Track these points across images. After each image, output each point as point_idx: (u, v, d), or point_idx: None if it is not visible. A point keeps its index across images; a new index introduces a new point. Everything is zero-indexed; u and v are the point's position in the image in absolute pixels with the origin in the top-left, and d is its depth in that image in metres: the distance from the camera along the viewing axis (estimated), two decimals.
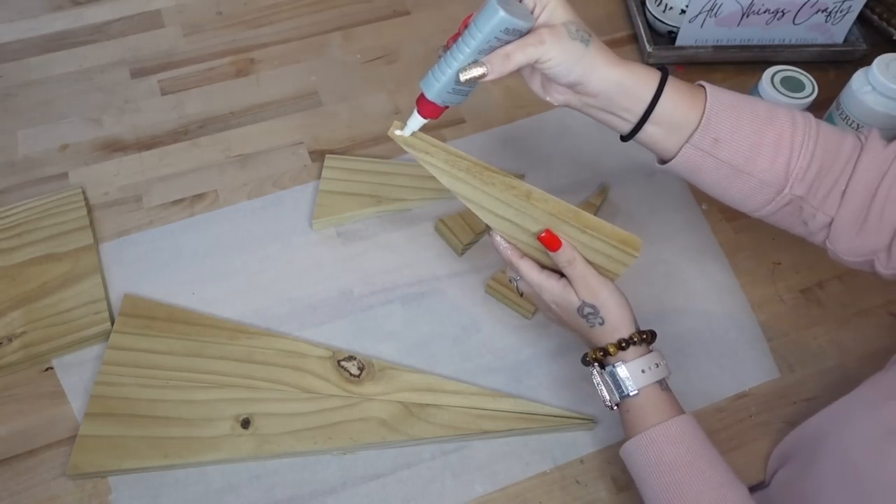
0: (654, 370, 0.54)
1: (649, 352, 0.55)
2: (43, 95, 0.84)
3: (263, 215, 0.75)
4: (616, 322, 0.55)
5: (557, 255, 0.55)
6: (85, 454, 0.59)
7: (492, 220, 0.56)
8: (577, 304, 0.55)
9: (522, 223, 0.55)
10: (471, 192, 0.55)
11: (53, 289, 0.68)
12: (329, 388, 0.63)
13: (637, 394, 0.53)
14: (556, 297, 0.57)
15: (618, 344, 0.54)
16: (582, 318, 0.56)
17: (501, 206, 0.55)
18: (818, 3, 0.83)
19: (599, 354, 0.55)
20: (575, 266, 0.55)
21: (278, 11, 0.93)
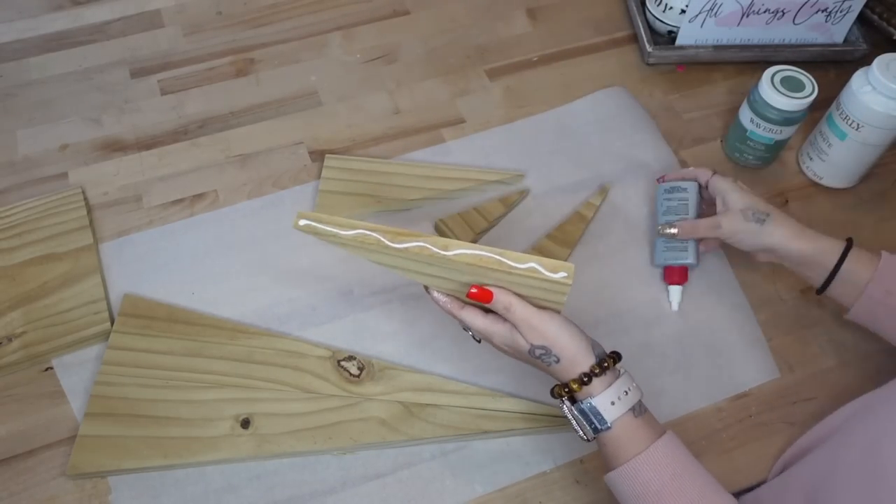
0: (625, 398, 0.52)
1: (616, 378, 0.53)
2: (43, 95, 0.84)
3: (263, 215, 0.75)
4: (572, 356, 0.53)
5: (493, 306, 0.54)
6: (85, 454, 0.59)
7: (424, 280, 0.56)
8: (526, 348, 0.54)
9: (451, 276, 0.54)
10: (391, 261, 0.54)
11: (53, 289, 0.68)
12: (329, 388, 0.63)
13: (611, 427, 0.52)
14: (507, 341, 0.55)
15: (579, 380, 0.52)
16: (536, 359, 0.54)
17: (425, 266, 0.54)
18: (818, 3, 0.83)
19: (565, 391, 0.53)
20: (513, 311, 0.53)
21: (278, 11, 0.93)
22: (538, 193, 0.78)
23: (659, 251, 0.71)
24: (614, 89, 0.87)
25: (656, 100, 0.87)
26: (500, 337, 0.55)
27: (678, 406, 0.65)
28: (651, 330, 0.69)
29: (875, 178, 0.80)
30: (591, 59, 0.90)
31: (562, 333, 0.53)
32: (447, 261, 0.53)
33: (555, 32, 0.93)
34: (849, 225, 0.77)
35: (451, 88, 0.87)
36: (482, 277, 0.54)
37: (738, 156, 0.81)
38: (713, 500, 0.50)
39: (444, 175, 0.77)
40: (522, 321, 0.54)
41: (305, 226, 0.54)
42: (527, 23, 0.94)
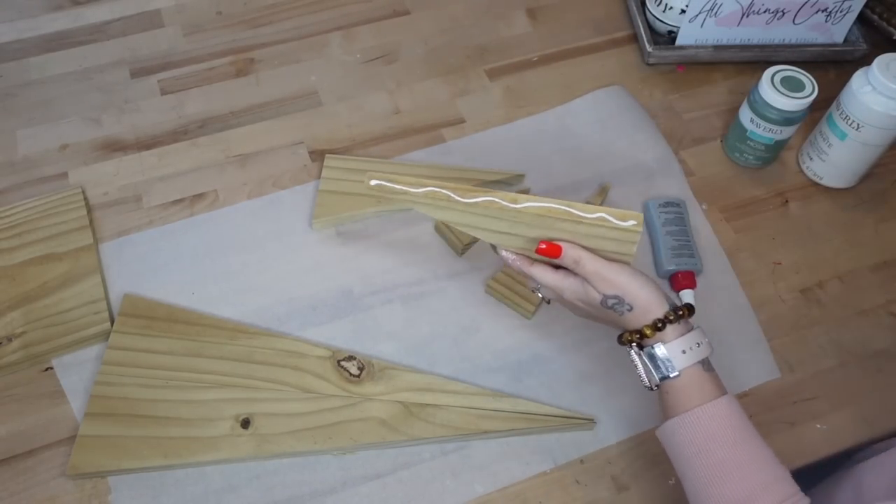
0: (696, 350, 0.52)
1: (689, 330, 0.53)
2: (42, 95, 0.84)
3: (263, 215, 0.75)
4: (645, 304, 0.53)
5: (562, 261, 0.55)
6: (84, 454, 0.59)
7: (491, 237, 0.56)
8: (599, 299, 0.54)
9: (519, 231, 0.55)
10: (460, 217, 0.56)
11: (53, 289, 0.68)
12: (329, 388, 0.63)
13: (679, 375, 0.52)
14: (579, 295, 0.56)
15: (653, 325, 0.53)
16: (609, 309, 0.55)
17: (493, 222, 0.55)
18: (818, 3, 0.83)
19: (636, 336, 0.53)
20: (583, 264, 0.54)
21: (278, 11, 0.93)
22: (538, 193, 0.77)
23: (664, 260, 0.71)
24: (613, 88, 0.86)
25: (656, 100, 0.87)
26: (572, 291, 0.56)
27: None
28: None
29: (875, 178, 0.80)
30: (591, 59, 0.90)
31: (633, 282, 0.54)
32: (516, 213, 0.53)
33: (555, 32, 0.93)
34: (849, 225, 0.77)
35: (451, 88, 0.87)
36: (550, 231, 0.54)
37: (738, 156, 0.81)
38: (772, 464, 0.50)
39: (444, 175, 0.77)
40: (593, 273, 0.54)
41: (377, 186, 0.56)
42: (527, 23, 0.94)
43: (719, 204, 0.78)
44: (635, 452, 0.63)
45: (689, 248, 0.72)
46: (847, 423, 0.65)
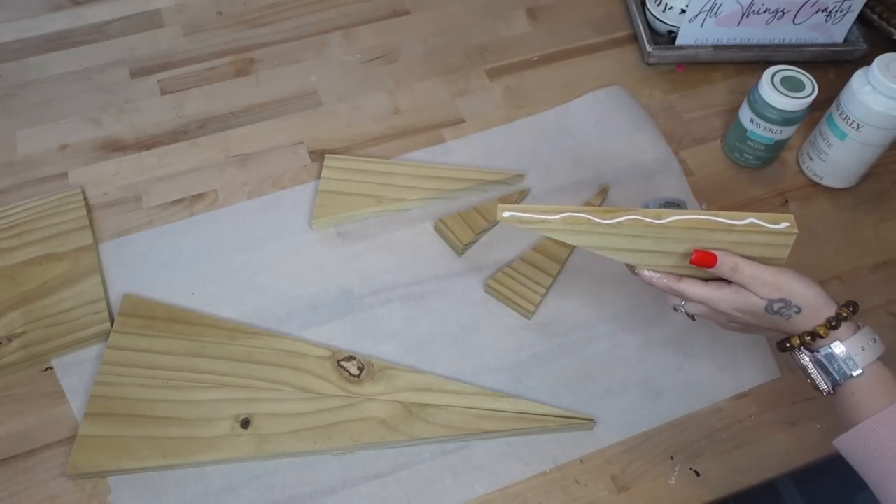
0: (874, 345, 0.50)
1: (860, 327, 0.51)
2: (42, 95, 0.84)
3: (263, 215, 0.75)
4: (814, 304, 0.51)
5: (718, 269, 0.52)
6: (84, 454, 0.59)
7: (632, 258, 0.54)
8: (762, 305, 0.51)
9: (664, 248, 0.53)
10: (600, 240, 0.54)
11: (53, 289, 0.68)
12: (329, 388, 0.63)
13: (862, 373, 0.49)
14: (737, 304, 0.52)
15: (827, 324, 0.50)
16: (774, 314, 0.51)
17: (636, 241, 0.53)
18: (818, 3, 0.83)
19: (807, 339, 0.51)
20: (741, 270, 0.52)
21: (278, 11, 0.93)
22: (538, 193, 0.78)
23: None
24: (613, 88, 0.86)
25: (656, 100, 0.87)
26: (729, 301, 0.52)
27: (678, 406, 0.65)
28: (651, 330, 0.69)
29: (875, 178, 0.80)
30: (591, 59, 0.90)
31: (797, 283, 0.51)
32: (662, 229, 0.52)
33: (555, 32, 0.93)
34: (849, 225, 0.77)
35: (451, 88, 0.87)
36: (700, 243, 0.52)
37: (738, 156, 0.81)
38: None
39: (444, 175, 0.77)
40: (753, 278, 0.51)
41: (510, 217, 0.54)
42: (527, 23, 0.94)
43: (719, 204, 0.78)
44: (635, 452, 0.63)
45: None
46: None
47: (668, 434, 0.64)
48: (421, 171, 0.77)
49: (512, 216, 0.54)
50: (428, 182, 0.76)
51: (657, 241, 0.53)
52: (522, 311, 0.69)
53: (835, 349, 0.50)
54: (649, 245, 0.53)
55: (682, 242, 0.53)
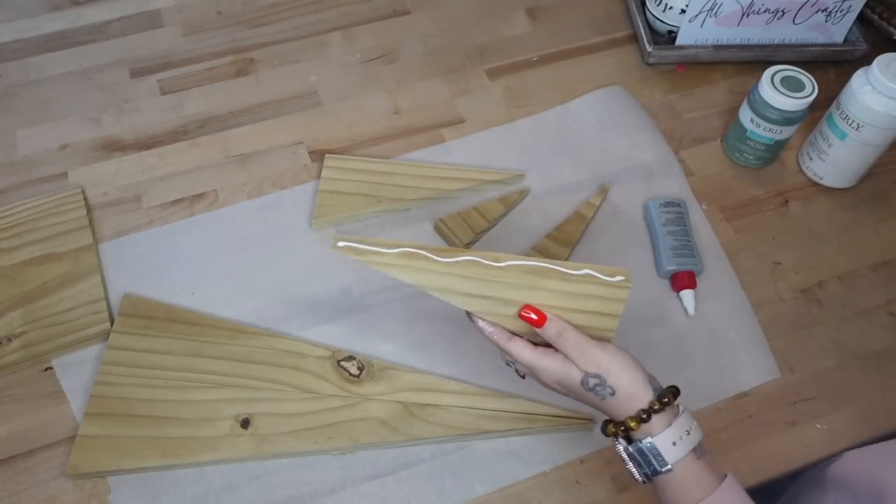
0: (687, 438, 0.48)
1: (676, 416, 0.49)
2: (42, 95, 0.84)
3: (263, 215, 0.75)
4: (628, 388, 0.49)
5: (545, 331, 0.51)
6: (84, 454, 0.59)
7: (469, 303, 0.52)
8: (579, 378, 0.50)
9: (502, 294, 0.51)
10: (438, 280, 0.51)
11: (53, 289, 0.68)
12: (329, 388, 0.63)
13: (672, 469, 0.48)
14: (557, 375, 0.51)
15: (637, 417, 0.48)
16: (589, 391, 0.50)
17: (473, 284, 0.51)
18: (818, 3, 0.83)
19: (621, 430, 0.49)
20: (566, 336, 0.50)
21: (278, 11, 0.93)
22: (538, 193, 0.78)
23: (665, 260, 0.71)
24: (613, 88, 0.86)
25: (656, 100, 0.87)
26: (550, 371, 0.51)
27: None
28: (651, 330, 0.69)
29: (875, 178, 0.80)
30: (591, 58, 0.90)
31: (616, 361, 0.50)
32: (499, 272, 0.50)
33: (555, 32, 0.93)
34: (849, 225, 0.77)
35: (451, 88, 0.87)
36: (536, 291, 0.51)
37: (738, 156, 0.81)
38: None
39: (443, 175, 0.77)
40: (576, 346, 0.50)
41: (344, 247, 0.51)
42: (527, 22, 0.94)
43: (719, 204, 0.78)
44: None
45: (690, 248, 0.72)
46: (847, 423, 0.65)
47: None
48: (421, 170, 0.77)
49: (346, 246, 0.51)
50: (428, 182, 0.76)
51: (494, 286, 0.51)
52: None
53: (644, 445, 0.48)
54: (487, 290, 0.51)
55: (518, 289, 0.51)
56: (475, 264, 0.51)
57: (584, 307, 0.52)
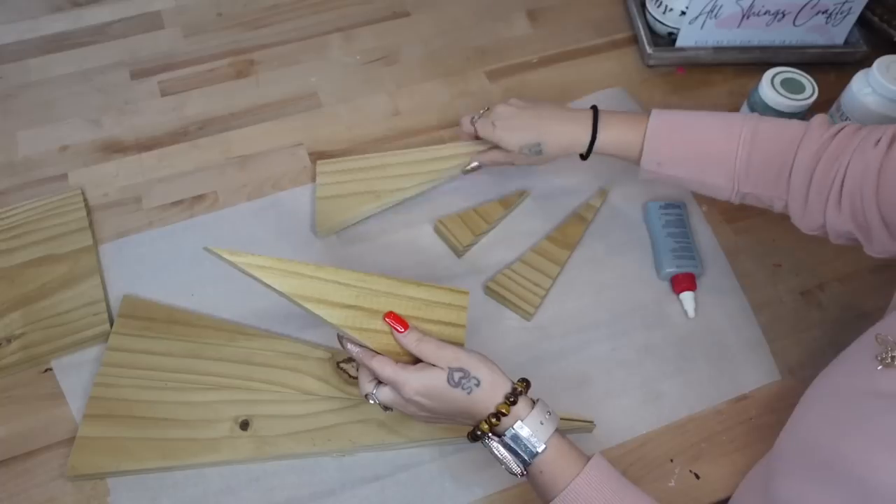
0: (550, 418, 0.51)
1: (534, 401, 0.52)
2: (43, 96, 0.84)
3: (263, 217, 0.75)
4: (491, 378, 0.52)
5: (406, 337, 0.54)
6: (84, 455, 0.59)
7: (335, 314, 0.53)
8: (444, 376, 0.51)
9: (365, 303, 0.54)
10: (308, 286, 0.53)
11: (53, 290, 0.68)
12: (328, 390, 0.63)
13: (546, 448, 0.50)
14: (422, 382, 0.52)
15: (506, 400, 0.51)
16: (456, 387, 0.51)
17: (341, 291, 0.53)
18: (818, 5, 0.83)
19: (493, 420, 0.51)
20: (426, 341, 0.53)
21: (278, 13, 0.93)
22: (538, 195, 0.78)
23: (665, 262, 0.71)
24: (613, 90, 0.86)
25: (656, 101, 0.87)
26: (413, 381, 0.52)
27: (678, 408, 0.65)
28: (651, 332, 0.69)
29: None
30: (592, 60, 0.90)
31: (473, 356, 0.53)
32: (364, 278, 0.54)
33: (555, 34, 0.93)
34: None
35: (451, 90, 0.87)
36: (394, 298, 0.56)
37: None
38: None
39: (437, 155, 0.76)
40: (436, 347, 0.53)
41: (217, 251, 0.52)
42: (527, 24, 0.94)
43: (719, 205, 0.78)
44: (635, 455, 0.63)
45: (690, 250, 0.72)
46: None
47: (667, 437, 0.64)
48: (414, 156, 0.77)
49: (218, 250, 0.52)
50: (423, 166, 0.75)
51: (359, 294, 0.54)
52: (522, 312, 0.69)
53: (518, 430, 0.50)
54: (353, 298, 0.54)
55: (380, 295, 0.55)
56: (341, 270, 0.54)
57: (434, 316, 0.56)
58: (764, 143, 0.60)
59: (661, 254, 0.72)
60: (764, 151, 0.60)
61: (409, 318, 0.55)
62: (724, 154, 0.61)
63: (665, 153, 0.63)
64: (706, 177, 0.63)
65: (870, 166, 0.54)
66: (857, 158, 0.55)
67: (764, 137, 0.60)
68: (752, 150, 0.60)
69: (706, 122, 0.63)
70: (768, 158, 0.60)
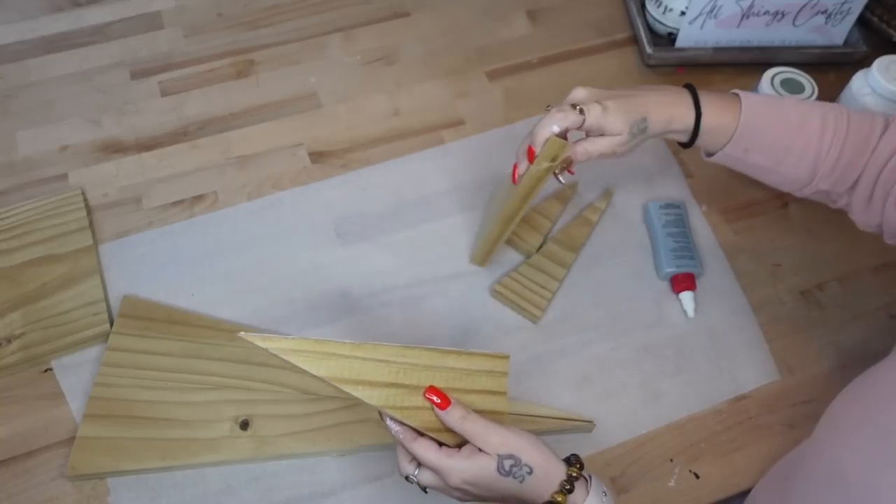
0: (607, 497, 0.49)
1: (588, 480, 0.49)
2: (43, 96, 0.84)
3: (263, 216, 0.75)
4: (543, 464, 0.48)
5: (449, 414, 0.49)
6: (84, 455, 0.59)
7: (376, 395, 0.50)
8: (494, 465, 0.47)
9: (405, 379, 0.51)
10: (345, 367, 0.50)
11: (53, 290, 0.68)
12: (328, 390, 0.63)
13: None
14: (469, 471, 0.48)
15: (561, 489, 0.48)
16: (506, 476, 0.48)
17: (380, 369, 0.50)
18: (818, 5, 0.83)
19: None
20: (471, 419, 0.49)
21: (278, 13, 0.93)
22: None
23: (665, 262, 0.71)
24: None
25: None
26: (459, 470, 0.48)
27: (678, 408, 0.65)
28: (651, 332, 0.69)
29: None
30: (591, 60, 0.90)
31: (525, 441, 0.49)
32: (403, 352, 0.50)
33: (555, 34, 0.93)
34: (849, 227, 0.77)
35: (451, 90, 0.87)
36: (433, 371, 0.51)
37: None
38: None
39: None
40: (484, 429, 0.48)
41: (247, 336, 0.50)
42: (527, 24, 0.94)
43: (719, 206, 0.78)
44: (635, 454, 0.63)
45: (690, 250, 0.72)
46: None
47: (667, 436, 0.64)
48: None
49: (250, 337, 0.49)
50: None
51: (398, 370, 0.50)
52: (530, 315, 0.69)
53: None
54: (392, 375, 0.50)
55: (420, 370, 0.51)
56: (379, 346, 0.51)
57: (476, 386, 0.52)
58: (854, 141, 0.57)
59: (661, 254, 0.72)
60: (851, 151, 0.57)
61: (450, 391, 0.50)
62: (814, 147, 0.57)
63: (756, 139, 0.59)
64: (786, 168, 0.59)
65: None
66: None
67: (854, 135, 0.57)
68: (842, 149, 0.57)
69: (801, 111, 0.58)
70: (853, 159, 0.57)
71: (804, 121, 0.58)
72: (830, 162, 0.57)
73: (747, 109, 0.58)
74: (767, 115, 0.58)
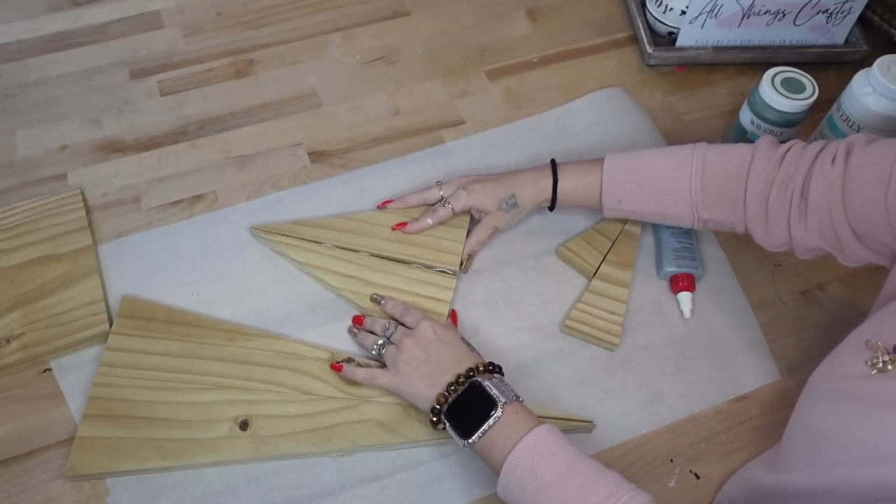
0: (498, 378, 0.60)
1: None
2: (42, 96, 0.84)
3: (262, 216, 0.75)
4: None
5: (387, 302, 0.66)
6: (83, 456, 0.59)
7: (338, 280, 0.68)
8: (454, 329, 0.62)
9: (364, 275, 0.68)
10: (317, 258, 0.69)
11: (52, 290, 0.68)
12: (327, 390, 0.63)
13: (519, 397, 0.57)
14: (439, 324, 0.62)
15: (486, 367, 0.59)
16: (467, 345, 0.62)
17: (343, 265, 0.69)
18: (819, 4, 0.83)
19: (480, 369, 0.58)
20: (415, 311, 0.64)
21: (278, 12, 0.93)
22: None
23: (666, 262, 0.71)
24: (613, 90, 0.86)
25: (656, 101, 0.87)
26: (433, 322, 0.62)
27: (678, 408, 0.65)
28: (652, 332, 0.69)
29: None
30: (592, 60, 0.90)
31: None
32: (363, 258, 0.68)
33: (555, 33, 0.93)
34: None
35: (451, 89, 0.86)
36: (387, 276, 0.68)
37: None
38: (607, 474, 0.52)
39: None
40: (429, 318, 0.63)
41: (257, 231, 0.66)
42: (527, 24, 0.94)
43: None
44: (635, 455, 0.63)
45: (692, 251, 0.72)
46: None
47: (667, 437, 0.64)
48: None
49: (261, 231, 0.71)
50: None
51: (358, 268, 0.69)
52: (608, 345, 0.67)
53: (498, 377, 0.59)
54: (353, 270, 0.69)
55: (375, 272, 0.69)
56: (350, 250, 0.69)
57: (422, 292, 0.67)
58: (715, 171, 0.62)
59: (663, 253, 0.72)
60: (716, 178, 0.62)
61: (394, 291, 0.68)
62: (679, 185, 0.63)
63: (623, 191, 0.65)
64: (666, 209, 0.65)
65: (832, 184, 0.56)
66: (818, 179, 0.57)
67: (714, 165, 0.62)
68: (704, 179, 0.62)
69: (658, 157, 0.65)
70: (721, 185, 0.62)
71: (661, 164, 0.64)
72: (698, 194, 0.63)
73: (608, 167, 0.66)
74: (628, 167, 0.65)
